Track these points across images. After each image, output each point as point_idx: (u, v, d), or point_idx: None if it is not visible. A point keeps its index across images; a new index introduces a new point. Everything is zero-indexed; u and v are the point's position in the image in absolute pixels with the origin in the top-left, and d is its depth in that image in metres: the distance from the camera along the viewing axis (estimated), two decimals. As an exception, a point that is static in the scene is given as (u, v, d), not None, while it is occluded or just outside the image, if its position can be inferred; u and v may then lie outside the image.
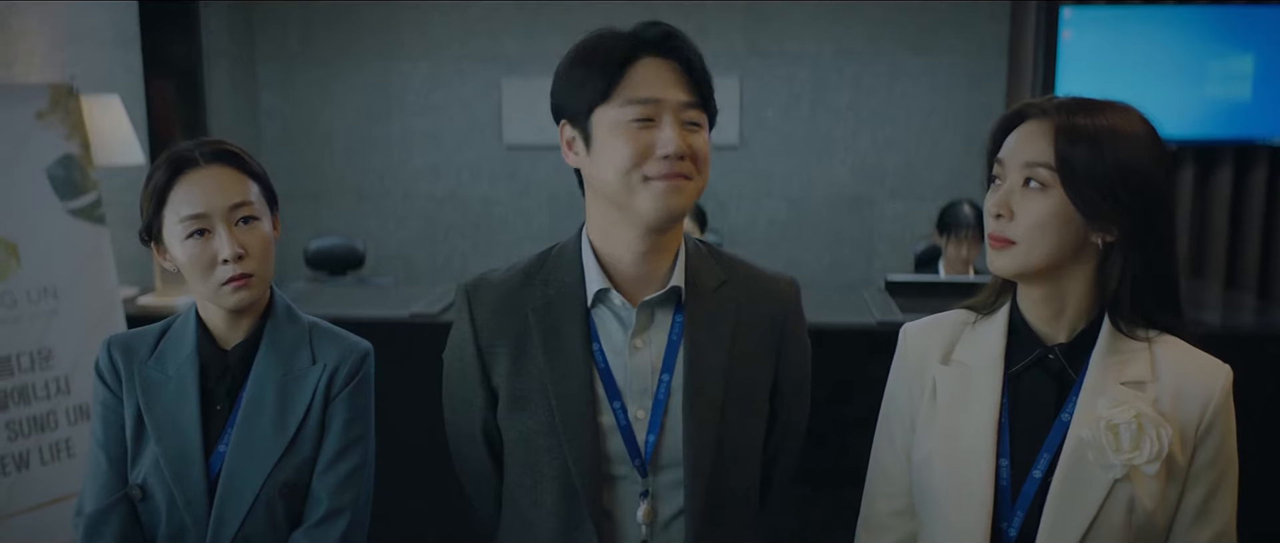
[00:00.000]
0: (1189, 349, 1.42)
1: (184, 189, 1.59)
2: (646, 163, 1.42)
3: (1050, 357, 1.44)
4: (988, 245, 1.40)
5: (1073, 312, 1.43)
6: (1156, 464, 1.33)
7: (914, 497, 1.52)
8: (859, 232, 5.50)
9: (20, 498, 2.72)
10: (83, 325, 2.83)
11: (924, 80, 5.33)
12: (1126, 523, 1.37)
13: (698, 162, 1.45)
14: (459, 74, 5.54)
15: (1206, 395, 1.38)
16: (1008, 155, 1.40)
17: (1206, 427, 1.38)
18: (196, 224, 1.58)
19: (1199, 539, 1.40)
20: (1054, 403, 1.43)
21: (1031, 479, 1.41)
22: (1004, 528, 1.41)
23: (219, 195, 1.59)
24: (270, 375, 1.66)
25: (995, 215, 1.39)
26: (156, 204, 1.60)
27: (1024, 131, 1.40)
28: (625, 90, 1.44)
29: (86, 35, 4.25)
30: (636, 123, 1.43)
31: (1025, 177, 1.37)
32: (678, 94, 1.44)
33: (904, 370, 1.55)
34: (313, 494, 1.67)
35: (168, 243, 1.62)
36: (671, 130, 1.42)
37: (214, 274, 1.59)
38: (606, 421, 1.50)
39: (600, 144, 1.46)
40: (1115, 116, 1.38)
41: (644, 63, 1.45)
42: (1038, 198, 1.37)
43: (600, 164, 1.46)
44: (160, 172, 1.60)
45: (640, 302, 1.51)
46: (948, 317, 1.56)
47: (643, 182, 1.43)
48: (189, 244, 1.58)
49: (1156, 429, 1.33)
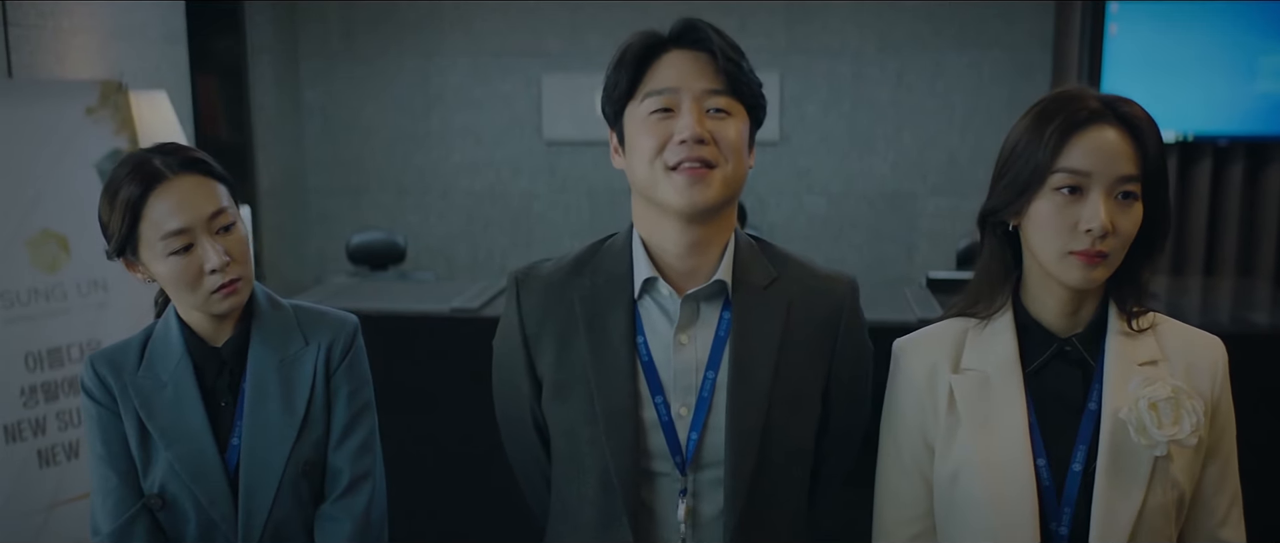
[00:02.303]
0: (1182, 326, 1.47)
1: (160, 204, 1.55)
2: (666, 151, 1.42)
3: (1067, 349, 1.43)
4: (1077, 260, 1.34)
5: (1089, 305, 1.43)
6: (1196, 437, 1.35)
7: (940, 515, 1.48)
8: (900, 228, 5.46)
9: (70, 486, 2.77)
10: (130, 317, 2.88)
11: (967, 76, 5.28)
12: (1170, 500, 1.38)
13: (722, 147, 1.42)
14: (499, 70, 5.56)
15: (1212, 368, 1.43)
16: (1096, 167, 1.33)
17: (1217, 397, 1.42)
18: (180, 240, 1.55)
19: (1221, 504, 1.44)
20: (1079, 395, 1.42)
21: (1072, 474, 1.40)
22: (1053, 528, 1.40)
23: (196, 207, 1.56)
24: (268, 363, 1.66)
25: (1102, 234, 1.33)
26: (130, 221, 1.56)
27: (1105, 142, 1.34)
28: (647, 84, 1.45)
29: (135, 32, 4.31)
30: (657, 114, 1.43)
31: (1121, 191, 1.34)
32: (699, 82, 1.43)
33: (911, 387, 1.50)
34: (332, 468, 1.70)
35: (145, 259, 1.59)
36: (689, 116, 1.41)
37: (202, 285, 1.57)
38: (648, 416, 1.48)
39: (630, 141, 1.46)
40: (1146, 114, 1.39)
41: (668, 57, 1.45)
42: (1129, 211, 1.35)
43: (632, 162, 1.46)
44: (129, 186, 1.55)
45: (685, 295, 1.49)
46: (943, 327, 1.52)
47: (665, 172, 1.42)
48: (173, 260, 1.56)
49: (1192, 402, 1.35)
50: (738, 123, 1.45)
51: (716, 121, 1.43)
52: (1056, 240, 1.35)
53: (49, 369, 2.75)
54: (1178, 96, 4.68)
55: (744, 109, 1.47)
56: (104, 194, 1.59)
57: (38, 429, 2.72)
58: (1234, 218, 4.77)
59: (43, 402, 2.73)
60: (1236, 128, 4.69)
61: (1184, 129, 4.69)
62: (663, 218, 1.47)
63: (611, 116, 1.50)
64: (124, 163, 1.59)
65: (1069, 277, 1.36)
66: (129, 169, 1.57)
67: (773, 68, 5.32)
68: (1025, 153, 1.38)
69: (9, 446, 2.67)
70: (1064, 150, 1.35)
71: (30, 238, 2.74)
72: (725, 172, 1.43)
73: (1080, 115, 1.35)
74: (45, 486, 2.73)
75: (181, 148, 1.62)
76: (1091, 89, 1.41)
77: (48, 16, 3.73)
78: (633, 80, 1.45)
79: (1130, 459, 1.37)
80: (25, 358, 2.71)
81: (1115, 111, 1.36)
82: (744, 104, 1.46)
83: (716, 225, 1.49)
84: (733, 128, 1.44)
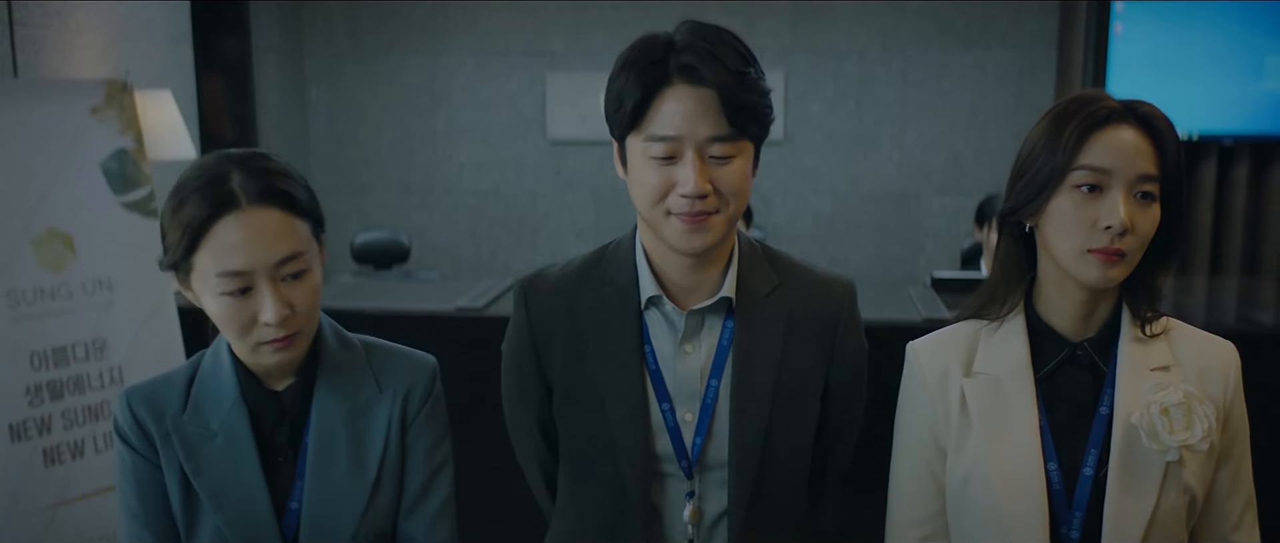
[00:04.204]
0: (1194, 331, 1.47)
1: (225, 235, 1.30)
2: (668, 199, 1.40)
3: (1079, 354, 1.43)
4: (1096, 258, 1.34)
5: (1103, 309, 1.43)
6: (1207, 442, 1.34)
7: (952, 517, 1.49)
8: (905, 228, 5.45)
9: (76, 485, 2.78)
10: (136, 317, 2.88)
11: (972, 75, 5.27)
12: (1181, 504, 1.38)
13: (724, 193, 1.40)
14: (504, 69, 5.56)
15: (1225, 373, 1.43)
16: (1115, 166, 1.34)
17: (1229, 402, 1.42)
18: (238, 282, 1.31)
19: (1235, 509, 1.44)
20: (1090, 399, 1.43)
21: (1084, 478, 1.40)
22: (1064, 532, 1.40)
23: (265, 249, 1.31)
24: (335, 413, 1.44)
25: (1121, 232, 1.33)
26: (189, 244, 1.31)
27: (1125, 141, 1.35)
28: (650, 124, 1.40)
29: (140, 32, 4.32)
30: (658, 160, 1.40)
31: (1140, 191, 1.35)
32: (703, 128, 1.38)
33: (923, 389, 1.50)
34: (403, 537, 1.50)
35: (196, 288, 1.35)
36: (690, 169, 1.38)
37: (252, 334, 1.34)
38: (655, 421, 1.50)
39: (633, 173, 1.45)
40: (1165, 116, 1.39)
41: (672, 92, 1.39)
42: (1147, 211, 1.35)
43: (634, 192, 1.45)
44: (195, 204, 1.30)
45: (690, 309, 1.50)
46: (956, 329, 1.52)
47: (666, 216, 1.41)
48: (226, 301, 1.32)
49: (1203, 408, 1.35)
50: (741, 161, 1.42)
51: (718, 168, 1.40)
52: (1075, 238, 1.35)
53: (54, 368, 2.75)
54: (1183, 96, 4.67)
55: (750, 142, 1.44)
56: (170, 199, 1.34)
57: (43, 428, 2.72)
58: (1239, 217, 4.76)
59: (48, 401, 2.74)
60: (1242, 127, 4.68)
61: (1189, 129, 4.68)
62: (664, 244, 1.47)
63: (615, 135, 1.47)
64: (199, 171, 1.33)
65: (1087, 275, 1.36)
66: (201, 183, 1.32)
67: (778, 67, 5.32)
68: (1045, 152, 1.38)
69: (14, 444, 2.67)
70: (1084, 148, 1.35)
71: (36, 237, 2.75)
72: (726, 214, 1.42)
73: (1100, 114, 1.36)
74: (51, 485, 2.73)
75: (269, 167, 1.35)
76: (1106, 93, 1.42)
77: (54, 16, 3.74)
78: (635, 113, 1.41)
79: (1142, 464, 1.37)
80: (31, 357, 2.71)
81: (1135, 113, 1.37)
82: (750, 138, 1.43)
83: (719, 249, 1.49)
84: (735, 170, 1.41)
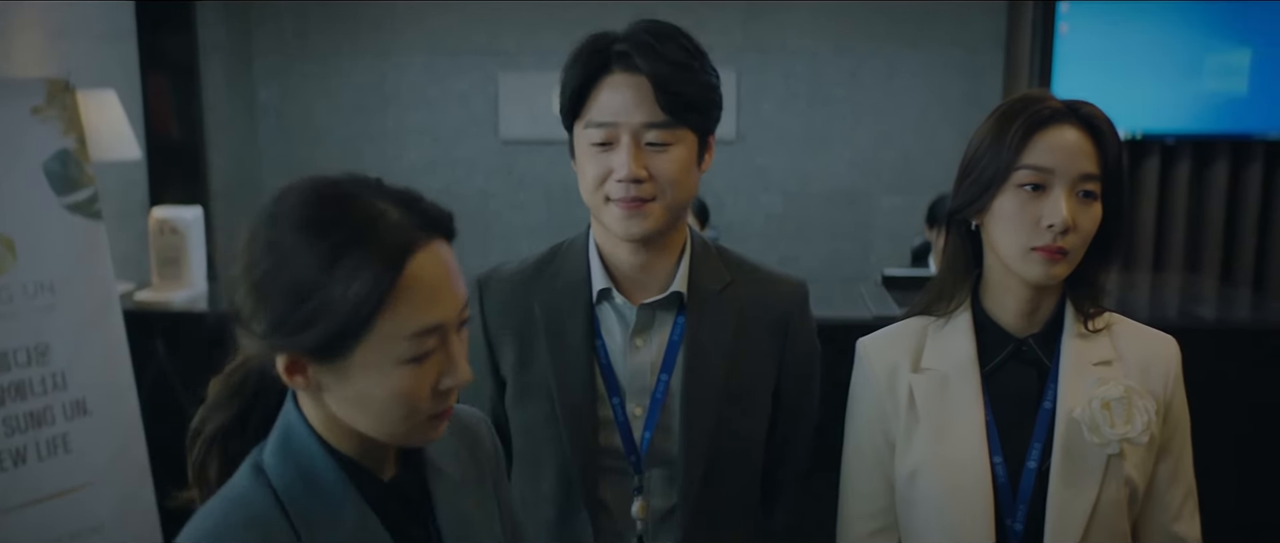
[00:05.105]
0: (1136, 326, 1.50)
1: (417, 287, 1.02)
2: (607, 184, 1.43)
3: (1024, 349, 1.45)
4: (1039, 256, 1.37)
5: (1046, 305, 1.46)
6: (1147, 435, 1.38)
7: (901, 512, 1.51)
8: (856, 226, 5.50)
9: (18, 494, 2.72)
10: (79, 321, 2.83)
11: (921, 75, 5.33)
12: (1122, 496, 1.41)
13: (660, 181, 1.42)
14: (455, 69, 5.53)
15: (1166, 368, 1.46)
16: (1058, 165, 1.36)
17: (1170, 396, 1.46)
18: (429, 343, 1.02)
19: (1175, 500, 1.48)
20: (1034, 394, 1.45)
21: (1028, 471, 1.43)
22: (1008, 524, 1.43)
23: (455, 292, 1.06)
24: (449, 487, 1.19)
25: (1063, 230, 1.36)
26: (370, 311, 0.98)
27: (1067, 141, 1.37)
28: (590, 111, 1.44)
29: (82, 30, 4.24)
30: (597, 146, 1.42)
31: (1082, 189, 1.37)
32: (638, 115, 1.41)
33: (872, 385, 1.52)
34: None
35: (352, 364, 1.01)
36: (625, 155, 1.40)
37: (423, 407, 1.04)
38: (604, 414, 1.51)
39: (578, 162, 1.48)
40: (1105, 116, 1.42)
41: (611, 80, 1.42)
42: (1089, 210, 1.38)
43: (580, 181, 1.48)
44: (364, 261, 0.98)
45: (641, 304, 1.51)
46: (904, 326, 1.55)
47: (605, 202, 1.44)
48: (406, 371, 1.02)
49: (1143, 401, 1.38)
50: (680, 150, 1.44)
51: (655, 155, 1.42)
52: (1019, 236, 1.38)
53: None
54: (1126, 95, 4.76)
55: (690, 131, 1.45)
56: (295, 258, 0.97)
57: (-16, 435, 2.66)
58: (1181, 214, 4.85)
59: (-11, 407, 2.67)
60: (1183, 126, 4.78)
61: (1132, 127, 4.76)
62: (613, 235, 1.49)
63: (565, 126, 1.50)
64: (335, 205, 1.00)
65: (1031, 273, 1.39)
66: (358, 226, 0.98)
67: (729, 66, 5.34)
68: (989, 151, 1.41)
69: (-46, 452, 2.61)
70: (1027, 148, 1.37)
71: (-25, 240, 2.69)
72: (665, 202, 1.44)
73: (1043, 114, 1.38)
74: (-8, 492, 2.67)
75: (407, 191, 1.09)
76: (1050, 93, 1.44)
77: (-8, 14, 3.66)
78: (576, 102, 1.45)
79: (1084, 457, 1.40)
80: (-30, 363, 2.65)
81: (1077, 113, 1.40)
82: (689, 127, 1.45)
83: (667, 241, 1.51)
84: (672, 159, 1.43)
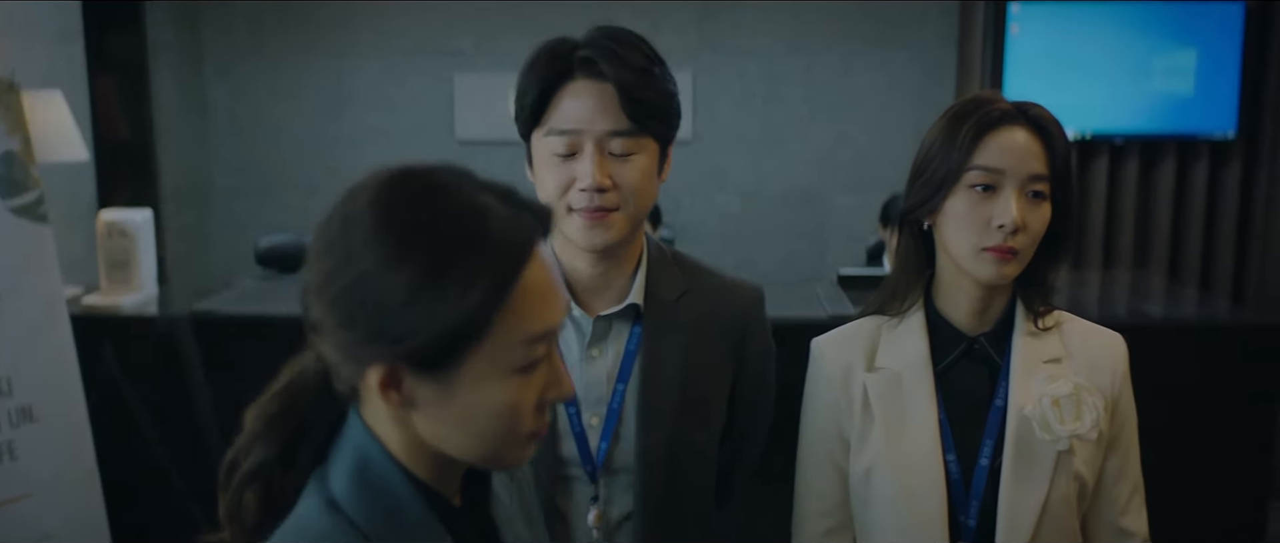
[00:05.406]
0: (1085, 323, 1.52)
1: (533, 291, 0.92)
2: (569, 194, 1.41)
3: (976, 348, 1.47)
4: (990, 256, 1.39)
5: (997, 304, 1.48)
6: (1096, 431, 1.40)
7: (856, 510, 1.52)
8: (812, 226, 5.53)
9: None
10: (26, 325, 2.77)
11: (876, 74, 5.37)
12: (1072, 491, 1.43)
13: (624, 190, 1.41)
14: (412, 70, 5.49)
15: (1114, 365, 1.48)
16: (1008, 166, 1.38)
17: (1118, 393, 1.48)
18: (544, 347, 0.94)
19: (1123, 494, 1.50)
20: (986, 392, 1.47)
21: (980, 468, 1.45)
22: (961, 520, 1.44)
23: (561, 299, 0.98)
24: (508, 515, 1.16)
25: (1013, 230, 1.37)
26: (484, 316, 0.89)
27: (1016, 142, 1.39)
28: (551, 118, 1.41)
29: (27, 29, 4.16)
30: (559, 155, 1.40)
31: (1032, 190, 1.39)
32: (602, 123, 1.39)
33: (827, 385, 1.54)
34: None
35: (466, 373, 0.91)
36: (589, 164, 1.39)
37: (527, 422, 0.96)
38: (561, 425, 1.50)
39: (537, 171, 1.46)
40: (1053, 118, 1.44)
41: (574, 87, 1.40)
42: (1039, 210, 1.40)
43: (538, 189, 1.46)
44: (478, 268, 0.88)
45: (597, 315, 1.50)
46: (859, 325, 1.56)
47: (568, 212, 1.42)
48: (517, 381, 0.93)
49: (1092, 398, 1.40)
50: (643, 159, 1.43)
51: (619, 164, 1.41)
52: (970, 236, 1.40)
53: (-61, 381, 2.63)
54: (1076, 96, 4.82)
55: (653, 140, 1.45)
56: (404, 257, 0.88)
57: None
58: (1130, 213, 4.93)
59: (-68, 414, 2.62)
60: (1131, 126, 4.85)
61: (1082, 127, 4.83)
62: (571, 244, 1.48)
63: (522, 134, 1.48)
64: (440, 200, 0.91)
65: (982, 272, 1.40)
66: (470, 223, 0.89)
67: (685, 66, 5.35)
68: (941, 152, 1.43)
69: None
70: (977, 149, 1.39)
71: (-83, 244, 2.63)
72: (627, 211, 1.43)
73: (993, 116, 1.40)
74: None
75: (503, 185, 0.95)
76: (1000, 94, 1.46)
77: (-66, 13, 3.59)
78: (537, 109, 1.42)
79: (1034, 454, 1.42)
80: (-87, 369, 2.59)
81: (1026, 114, 1.42)
82: (652, 136, 1.44)
83: (626, 251, 1.50)
84: (636, 169, 1.42)
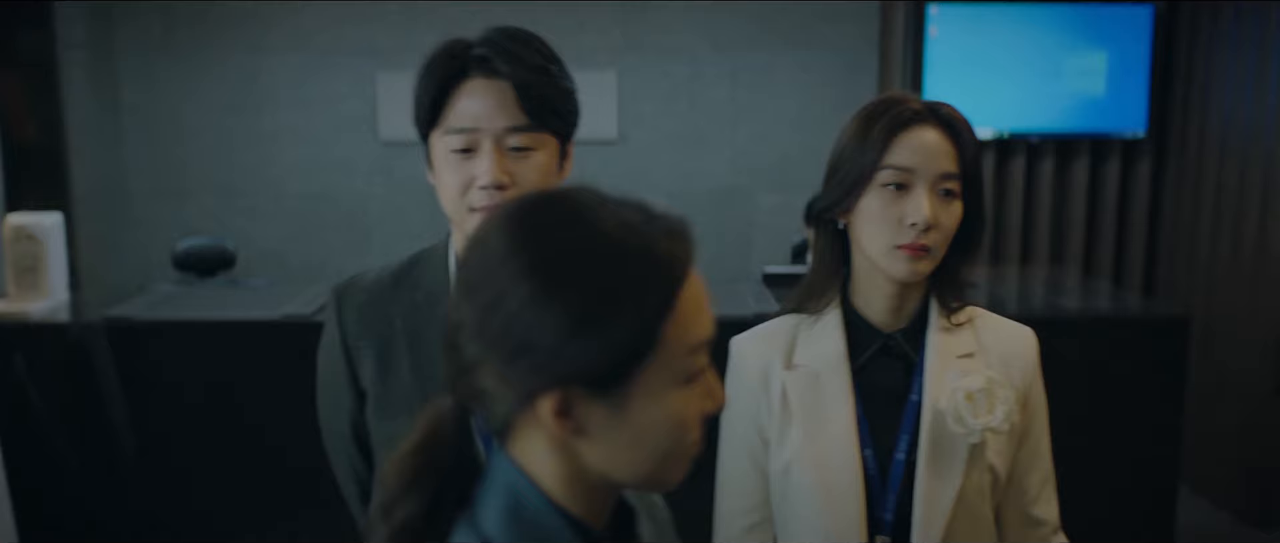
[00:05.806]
0: (997, 319, 1.56)
1: (692, 298, 0.93)
2: (469, 193, 1.40)
3: (891, 344, 1.50)
4: (903, 253, 1.41)
5: (912, 301, 1.50)
6: (1008, 424, 1.43)
7: (775, 506, 1.54)
8: (737, 225, 5.57)
9: None
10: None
11: (799, 75, 5.43)
12: (985, 483, 1.46)
13: (524, 187, 1.40)
14: (331, 68, 5.41)
15: (1025, 358, 1.52)
16: (919, 165, 1.41)
17: (1029, 385, 1.51)
18: (704, 356, 0.93)
19: (1035, 484, 1.53)
20: (902, 387, 1.50)
21: (897, 462, 1.47)
22: (879, 514, 1.47)
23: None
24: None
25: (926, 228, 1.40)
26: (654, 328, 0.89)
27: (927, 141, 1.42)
28: (449, 118, 1.41)
29: (-72, 27, 4.02)
30: (458, 153, 1.40)
31: (943, 188, 1.42)
32: (500, 120, 1.39)
33: (746, 382, 1.55)
34: None
35: (637, 393, 0.89)
36: (488, 161, 1.38)
37: (689, 435, 0.92)
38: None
39: (437, 171, 1.45)
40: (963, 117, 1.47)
41: (470, 85, 1.40)
42: (950, 208, 1.43)
43: (440, 191, 1.45)
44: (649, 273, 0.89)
45: None
46: (777, 324, 1.58)
47: (469, 212, 1.41)
48: (682, 393, 0.90)
49: (1004, 392, 1.43)
50: (542, 155, 1.43)
51: (518, 161, 1.41)
52: (883, 234, 1.42)
53: None
54: (993, 96, 4.93)
55: (552, 136, 1.44)
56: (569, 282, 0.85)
57: None
58: (1046, 210, 5.05)
59: None
60: (1046, 125, 4.97)
61: (999, 127, 4.94)
62: None
63: (421, 135, 1.47)
64: (590, 224, 0.87)
65: (895, 270, 1.43)
66: (625, 238, 0.87)
67: (609, 67, 5.35)
68: (854, 152, 1.45)
69: None
70: (889, 149, 1.42)
71: None
72: None
73: (904, 116, 1.43)
74: None
75: (634, 199, 0.92)
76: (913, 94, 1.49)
77: None
78: (434, 109, 1.41)
79: (948, 447, 1.45)
80: None
81: (936, 114, 1.44)
82: (551, 132, 1.44)
83: None
84: (535, 165, 1.42)
